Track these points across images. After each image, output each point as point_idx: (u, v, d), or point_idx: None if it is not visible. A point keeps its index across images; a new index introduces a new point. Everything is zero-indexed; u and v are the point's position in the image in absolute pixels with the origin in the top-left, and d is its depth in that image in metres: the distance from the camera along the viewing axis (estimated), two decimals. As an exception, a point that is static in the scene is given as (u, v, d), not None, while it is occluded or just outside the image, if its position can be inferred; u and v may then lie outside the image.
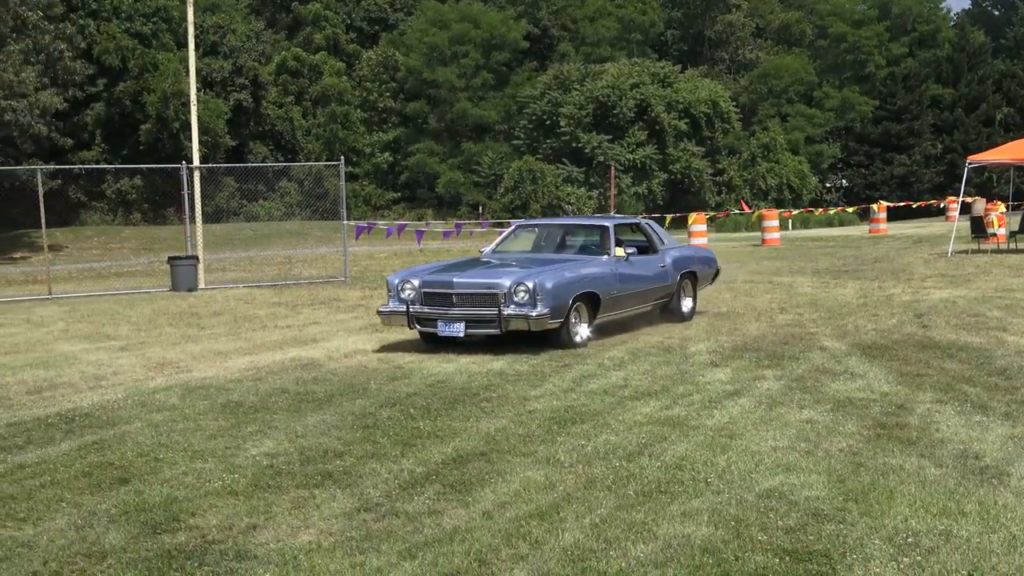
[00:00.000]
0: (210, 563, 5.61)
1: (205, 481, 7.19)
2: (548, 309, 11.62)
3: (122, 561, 5.68)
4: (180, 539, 6.01)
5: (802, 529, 5.80)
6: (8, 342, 15.33)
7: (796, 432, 7.96)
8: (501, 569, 5.38)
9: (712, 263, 15.93)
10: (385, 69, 64.76)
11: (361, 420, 8.88)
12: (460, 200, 59.91)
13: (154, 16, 55.10)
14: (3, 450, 8.32)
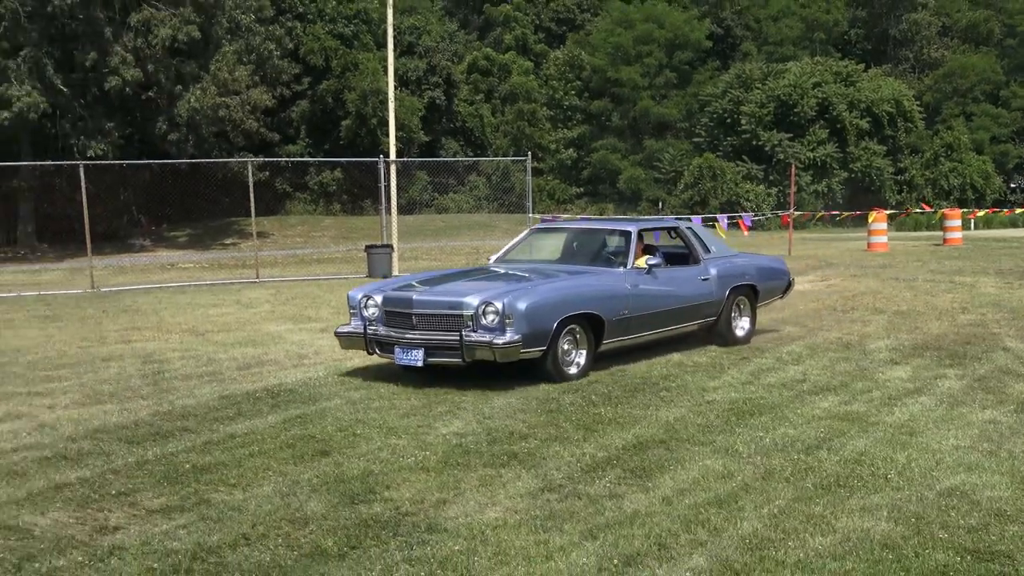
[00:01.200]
0: (403, 534, 5.74)
1: (399, 457, 7.35)
2: (520, 336, 9.20)
3: (323, 528, 5.86)
4: (376, 510, 6.16)
5: (984, 529, 5.59)
6: (221, 321, 15.96)
7: (978, 432, 7.67)
8: (680, 554, 5.34)
9: (780, 275, 13.05)
10: (571, 68, 64.91)
11: (545, 404, 8.93)
12: (640, 195, 59.63)
13: (355, 18, 56.34)
14: (216, 420, 8.67)
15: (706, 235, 12.40)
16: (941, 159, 60.53)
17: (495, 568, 5.22)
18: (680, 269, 11.53)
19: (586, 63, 64.34)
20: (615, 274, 10.73)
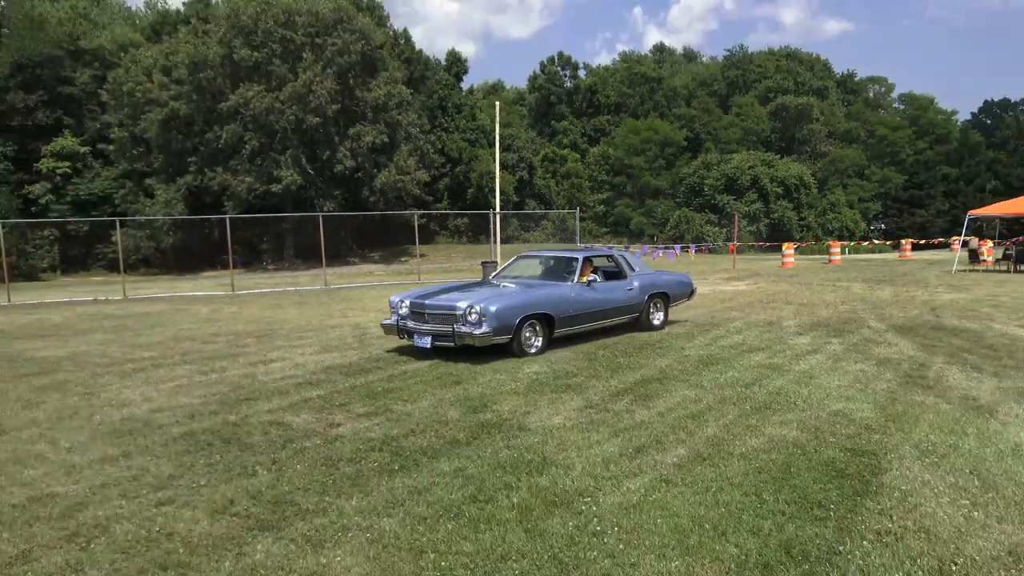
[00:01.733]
0: (504, 431, 5.71)
1: (500, 385, 7.32)
2: (491, 329, 8.48)
3: (457, 426, 5.85)
4: (487, 416, 6.15)
5: (858, 436, 5.38)
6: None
7: (853, 377, 7.39)
8: (669, 447, 5.23)
9: (685, 285, 11.71)
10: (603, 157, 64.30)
11: (587, 356, 8.83)
12: (643, 233, 59.02)
13: (476, 130, 56.57)
14: (395, 363, 8.72)
15: (632, 260, 11.21)
16: (827, 212, 58.90)
17: (558, 452, 5.16)
18: (613, 283, 10.46)
19: (611, 154, 63.71)
20: (564, 286, 9.70)
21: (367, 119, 40.31)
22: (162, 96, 37.87)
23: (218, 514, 4.18)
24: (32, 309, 18.16)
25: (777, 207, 55.91)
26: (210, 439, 5.66)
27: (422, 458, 5.09)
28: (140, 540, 3.85)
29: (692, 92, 72.68)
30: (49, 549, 3.78)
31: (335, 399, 6.87)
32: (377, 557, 3.61)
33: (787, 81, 71.23)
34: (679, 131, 66.63)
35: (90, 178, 41.23)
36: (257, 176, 37.97)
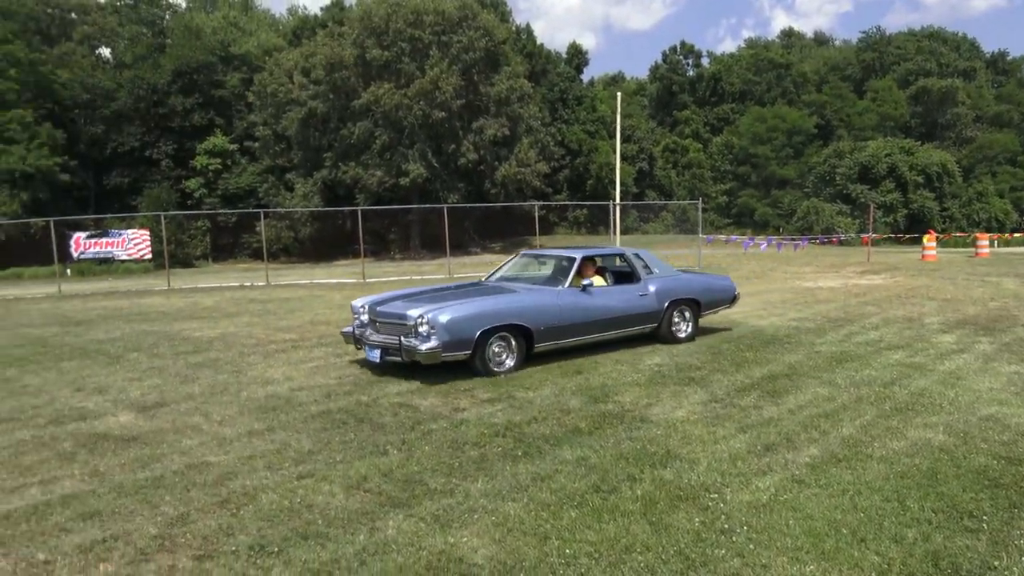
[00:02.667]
0: (626, 422, 5.61)
1: (622, 376, 7.21)
2: (440, 343, 6.98)
3: (578, 416, 5.81)
4: (609, 407, 6.07)
5: (1013, 443, 4.90)
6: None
7: (1006, 379, 6.75)
8: (801, 445, 4.97)
9: (722, 290, 9.76)
10: (726, 147, 62.11)
11: (711, 349, 8.55)
12: (768, 224, 56.52)
13: (596, 121, 56.06)
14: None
15: (652, 260, 9.30)
16: (973, 202, 54.12)
17: (682, 446, 5.02)
18: (620, 287, 8.80)
19: (735, 143, 61.40)
20: (548, 292, 8.07)
21: (489, 113, 40.87)
22: (301, 96, 39.92)
23: (353, 489, 4.34)
24: (188, 293, 19.66)
25: (916, 197, 52.06)
26: (345, 418, 5.90)
27: (544, 445, 5.09)
28: (283, 510, 4.06)
29: (823, 77, 68.81)
30: (204, 513, 4.05)
31: (459, 384, 6.99)
32: (502, 540, 3.63)
33: (929, 63, 66.12)
34: (808, 118, 63.37)
35: (238, 173, 44.11)
36: (386, 170, 39.37)
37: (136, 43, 46.35)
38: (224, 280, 24.99)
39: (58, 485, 4.54)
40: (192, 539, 3.72)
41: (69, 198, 41.85)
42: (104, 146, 43.71)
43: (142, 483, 4.53)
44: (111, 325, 12.58)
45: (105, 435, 5.61)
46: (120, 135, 43.50)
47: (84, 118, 43.54)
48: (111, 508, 4.15)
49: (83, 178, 42.94)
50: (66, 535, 3.81)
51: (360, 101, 38.67)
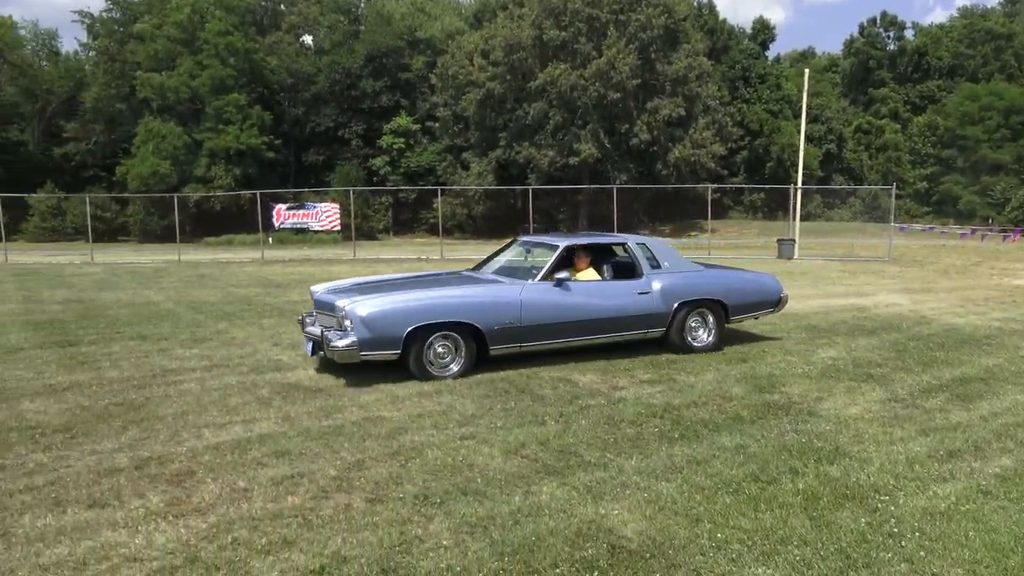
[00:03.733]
0: (792, 414, 5.38)
1: (791, 368, 6.89)
2: (357, 340, 6.05)
3: (741, 404, 5.64)
4: (775, 397, 5.84)
5: None
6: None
7: None
8: (991, 455, 4.52)
9: (760, 291, 8.05)
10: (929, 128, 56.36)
11: (895, 346, 7.93)
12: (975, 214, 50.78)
13: (780, 100, 52.98)
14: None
15: (662, 252, 7.77)
16: None
17: (853, 444, 4.74)
18: (611, 284, 7.37)
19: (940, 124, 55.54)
20: (509, 287, 6.86)
21: (665, 92, 39.95)
22: (480, 77, 41.15)
23: (511, 454, 4.53)
24: (371, 263, 21.10)
25: None
26: (507, 387, 6.13)
27: (703, 430, 5.01)
28: (446, 466, 4.33)
29: (1053, 49, 60.44)
30: (377, 461, 4.41)
31: (620, 364, 7.01)
32: (653, 517, 3.65)
33: None
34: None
35: (419, 152, 46.42)
36: (558, 150, 39.73)
37: (334, 30, 49.89)
38: (403, 253, 26.54)
39: (256, 425, 5.12)
40: (365, 483, 4.07)
41: (273, 173, 46.13)
42: (304, 126, 47.66)
43: (325, 430, 5.01)
44: (304, 289, 13.82)
45: (296, 385, 6.23)
46: (318, 116, 47.20)
47: (288, 101, 47.66)
48: (299, 449, 4.63)
49: (285, 155, 47.11)
50: (261, 468, 4.31)
51: (536, 82, 39.21)
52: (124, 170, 42.87)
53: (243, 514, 3.68)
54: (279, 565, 3.17)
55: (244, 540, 3.40)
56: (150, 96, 43.21)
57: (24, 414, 5.41)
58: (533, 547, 3.33)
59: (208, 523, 3.58)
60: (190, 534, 3.46)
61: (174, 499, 3.87)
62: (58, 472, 4.25)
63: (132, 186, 41.44)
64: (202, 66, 43.26)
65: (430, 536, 3.44)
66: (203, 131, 43.18)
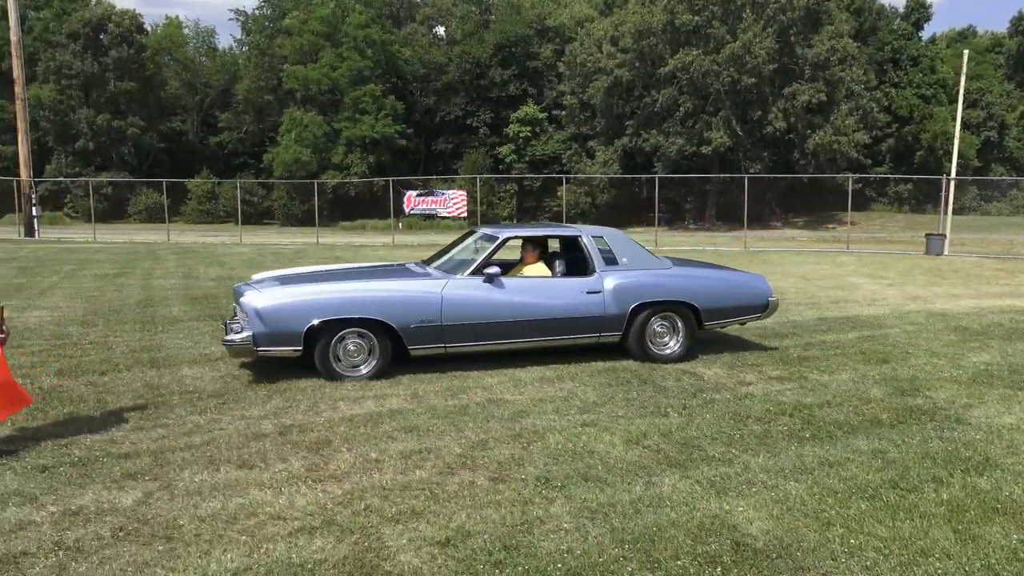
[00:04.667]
0: (937, 420, 5.02)
1: (938, 371, 6.42)
2: (252, 335, 5.61)
3: (879, 407, 5.32)
4: (918, 402, 5.46)
5: None
6: (820, 273, 15.12)
7: None
8: None
9: (740, 294, 6.94)
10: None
11: (1061, 353, 7.21)
12: None
13: (934, 84, 48.99)
14: (814, 331, 8.25)
15: (622, 247, 6.74)
16: None
17: (1007, 455, 4.37)
18: (553, 280, 6.51)
19: None
20: (430, 281, 6.19)
21: (804, 77, 37.99)
22: (608, 65, 40.72)
23: (632, 443, 4.51)
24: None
25: None
26: (629, 377, 6.09)
27: (837, 431, 4.77)
28: (567, 451, 4.37)
29: None
30: (500, 442, 4.52)
31: (747, 358, 6.80)
32: (780, 517, 3.53)
33: None
34: None
35: (544, 140, 46.62)
36: (687, 138, 38.74)
37: (466, 21, 50.90)
38: (526, 240, 26.76)
39: (387, 401, 5.37)
40: (489, 463, 4.19)
41: (404, 161, 47.81)
42: (434, 115, 49.02)
43: (451, 409, 5.18)
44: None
45: (423, 365, 6.47)
46: (447, 105, 48.41)
47: (419, 90, 49.15)
48: (426, 426, 4.81)
49: (416, 143, 48.68)
50: (392, 442, 4.52)
51: (666, 68, 38.35)
52: (270, 157, 45.78)
53: (375, 483, 3.88)
54: (407, 534, 3.33)
55: (376, 508, 3.58)
56: (294, 87, 45.85)
57: (183, 379, 5.93)
58: (654, 537, 3.31)
59: (343, 489, 3.80)
60: (327, 498, 3.70)
61: (313, 465, 4.14)
62: (212, 433, 4.65)
63: (277, 173, 44.21)
64: (342, 58, 45.38)
65: (551, 518, 3.50)
66: (341, 120, 45.34)
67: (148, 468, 4.05)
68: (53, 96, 44.84)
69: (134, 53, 46.88)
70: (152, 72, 48.95)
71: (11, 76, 26.70)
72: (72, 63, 45.29)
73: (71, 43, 45.69)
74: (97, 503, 3.61)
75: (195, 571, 3.00)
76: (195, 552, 3.15)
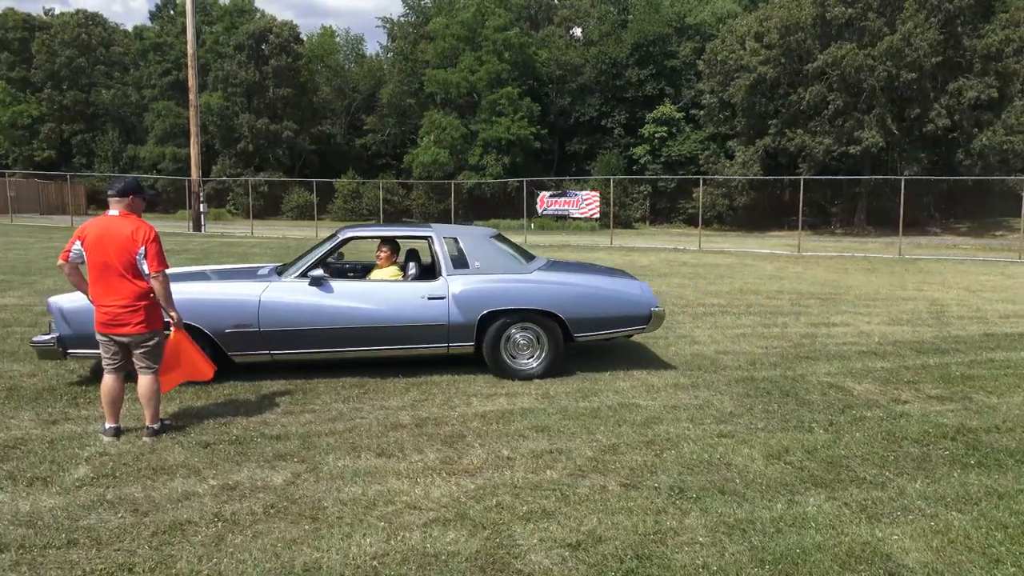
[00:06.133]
0: None
1: None
2: (56, 336, 5.34)
3: (1061, 435, 4.77)
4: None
5: None
6: (988, 284, 13.75)
7: None
8: None
9: (613, 302, 6.06)
10: None
11: None
12: None
13: None
14: (980, 348, 7.53)
15: (476, 249, 6.11)
16: None
17: None
18: (389, 285, 5.95)
19: None
20: (252, 285, 5.73)
21: (972, 71, 34.81)
22: (751, 62, 39.15)
23: (773, 459, 4.29)
24: (627, 252, 21.20)
25: None
26: (769, 388, 5.81)
27: (1007, 460, 4.32)
28: (702, 461, 4.22)
29: None
30: (631, 448, 4.43)
31: (902, 375, 6.30)
32: (941, 549, 3.24)
33: None
34: None
35: (681, 141, 45.52)
36: (836, 137, 36.53)
37: (603, 21, 50.62)
38: (659, 242, 26.30)
39: (519, 400, 5.41)
40: (620, 468, 4.12)
41: (538, 162, 48.22)
42: (568, 116, 49.11)
43: (582, 411, 5.14)
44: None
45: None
46: (582, 106, 48.35)
47: (555, 91, 49.39)
48: (557, 426, 4.81)
49: (550, 144, 48.96)
50: (523, 440, 4.55)
51: (814, 64, 36.36)
52: (410, 158, 47.56)
53: (506, 480, 3.91)
54: (538, 534, 3.33)
55: (507, 505, 3.61)
56: (435, 91, 47.39)
57: (327, 368, 6.26)
58: (797, 560, 3.13)
59: (476, 484, 3.86)
60: (460, 492, 3.77)
61: (447, 458, 4.23)
62: (354, 421, 4.87)
63: (415, 173, 45.87)
64: (481, 61, 46.41)
65: (685, 530, 3.38)
66: (478, 122, 46.38)
67: (296, 451, 4.30)
68: (220, 103, 48.78)
69: (291, 61, 50.16)
70: (306, 79, 52.20)
71: (187, 86, 29.32)
72: (237, 72, 49.07)
73: (237, 54, 49.53)
74: (251, 480, 3.87)
75: (338, 552, 3.14)
76: (338, 534, 3.30)
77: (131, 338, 4.40)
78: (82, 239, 4.32)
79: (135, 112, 53.91)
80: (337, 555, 3.11)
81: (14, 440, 4.39)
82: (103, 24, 56.60)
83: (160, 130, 51.20)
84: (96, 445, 4.32)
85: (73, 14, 55.61)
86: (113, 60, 55.30)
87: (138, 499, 3.61)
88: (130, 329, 4.36)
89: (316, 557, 3.10)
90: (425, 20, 52.55)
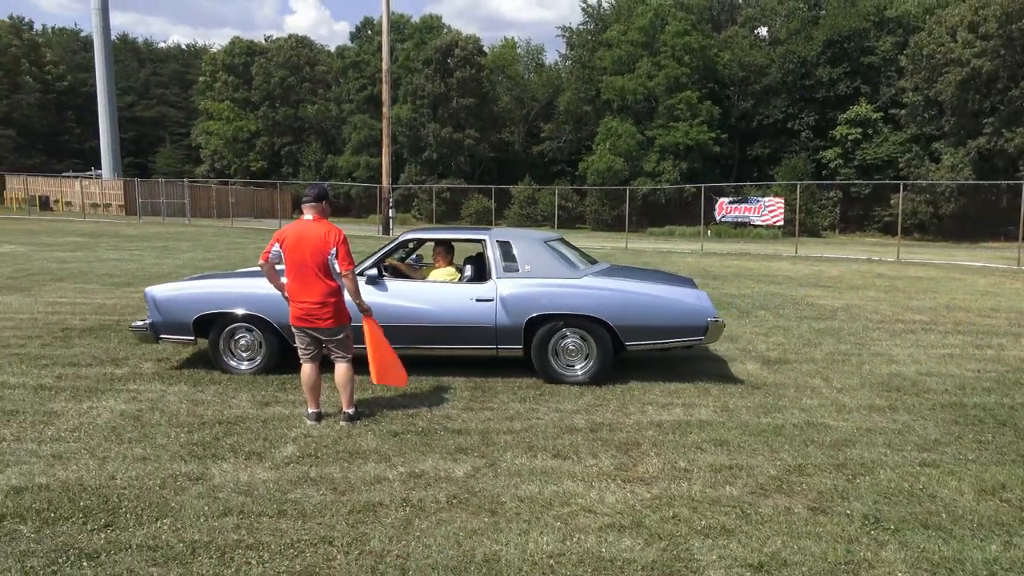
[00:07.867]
0: None
1: None
2: (150, 323, 5.99)
3: None
4: None
5: None
6: None
7: None
8: None
9: (666, 312, 5.65)
10: None
11: None
12: None
13: None
14: None
15: (527, 253, 5.94)
16: None
17: None
18: (440, 286, 5.94)
19: None
20: None
21: None
22: (964, 55, 35.43)
23: (985, 493, 3.85)
24: (814, 261, 19.94)
25: None
26: (981, 415, 5.23)
27: None
28: (902, 491, 3.88)
29: None
30: (819, 470, 4.16)
31: None
32: None
33: None
34: None
35: (877, 143, 42.10)
36: (1068, 137, 32.12)
37: (792, 18, 48.02)
38: (850, 252, 24.49)
39: (696, 411, 5.26)
40: (807, 490, 3.88)
41: (717, 167, 46.64)
42: (751, 119, 47.07)
43: (764, 427, 4.91)
44: (742, 283, 13.72)
45: (733, 377, 6.24)
46: (766, 108, 46.16)
47: (737, 94, 47.55)
48: (737, 441, 4.62)
49: (730, 149, 47.20)
50: (700, 453, 4.42)
51: (1042, 54, 32.21)
52: (585, 165, 47.83)
53: (683, 493, 3.82)
54: (717, 551, 3.22)
55: (684, 518, 3.53)
56: (611, 98, 47.33)
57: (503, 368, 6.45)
58: (1017, 609, 2.79)
59: (652, 494, 3.81)
60: (635, 500, 3.73)
61: (621, 464, 4.21)
62: (531, 421, 4.98)
63: (590, 180, 46.03)
64: (659, 67, 45.72)
65: (881, 563, 3.13)
66: (655, 128, 45.71)
67: (476, 445, 4.48)
68: (409, 114, 51.89)
69: (474, 73, 52.30)
70: (487, 89, 54.19)
71: (380, 99, 31.50)
72: (425, 85, 51.97)
73: (425, 68, 52.47)
74: (436, 470, 4.08)
75: (515, 547, 3.23)
76: (515, 529, 3.40)
77: (322, 332, 4.81)
78: (281, 241, 4.79)
79: (335, 125, 58.81)
80: (515, 550, 3.20)
81: (235, 417, 4.94)
82: (310, 46, 62.33)
83: (356, 141, 55.43)
84: (301, 427, 4.76)
85: (286, 39, 61.71)
86: (318, 78, 60.68)
87: (336, 479, 3.93)
88: (321, 323, 4.78)
89: (495, 550, 3.21)
90: (603, 27, 52.66)
